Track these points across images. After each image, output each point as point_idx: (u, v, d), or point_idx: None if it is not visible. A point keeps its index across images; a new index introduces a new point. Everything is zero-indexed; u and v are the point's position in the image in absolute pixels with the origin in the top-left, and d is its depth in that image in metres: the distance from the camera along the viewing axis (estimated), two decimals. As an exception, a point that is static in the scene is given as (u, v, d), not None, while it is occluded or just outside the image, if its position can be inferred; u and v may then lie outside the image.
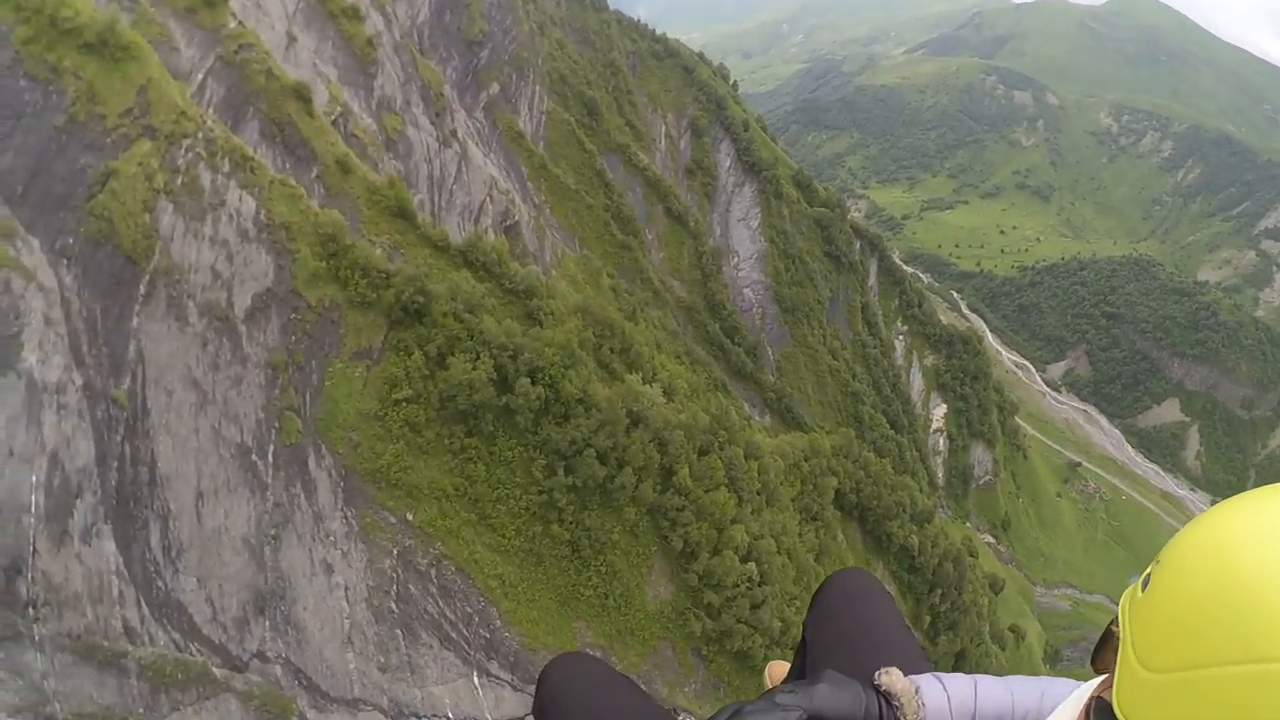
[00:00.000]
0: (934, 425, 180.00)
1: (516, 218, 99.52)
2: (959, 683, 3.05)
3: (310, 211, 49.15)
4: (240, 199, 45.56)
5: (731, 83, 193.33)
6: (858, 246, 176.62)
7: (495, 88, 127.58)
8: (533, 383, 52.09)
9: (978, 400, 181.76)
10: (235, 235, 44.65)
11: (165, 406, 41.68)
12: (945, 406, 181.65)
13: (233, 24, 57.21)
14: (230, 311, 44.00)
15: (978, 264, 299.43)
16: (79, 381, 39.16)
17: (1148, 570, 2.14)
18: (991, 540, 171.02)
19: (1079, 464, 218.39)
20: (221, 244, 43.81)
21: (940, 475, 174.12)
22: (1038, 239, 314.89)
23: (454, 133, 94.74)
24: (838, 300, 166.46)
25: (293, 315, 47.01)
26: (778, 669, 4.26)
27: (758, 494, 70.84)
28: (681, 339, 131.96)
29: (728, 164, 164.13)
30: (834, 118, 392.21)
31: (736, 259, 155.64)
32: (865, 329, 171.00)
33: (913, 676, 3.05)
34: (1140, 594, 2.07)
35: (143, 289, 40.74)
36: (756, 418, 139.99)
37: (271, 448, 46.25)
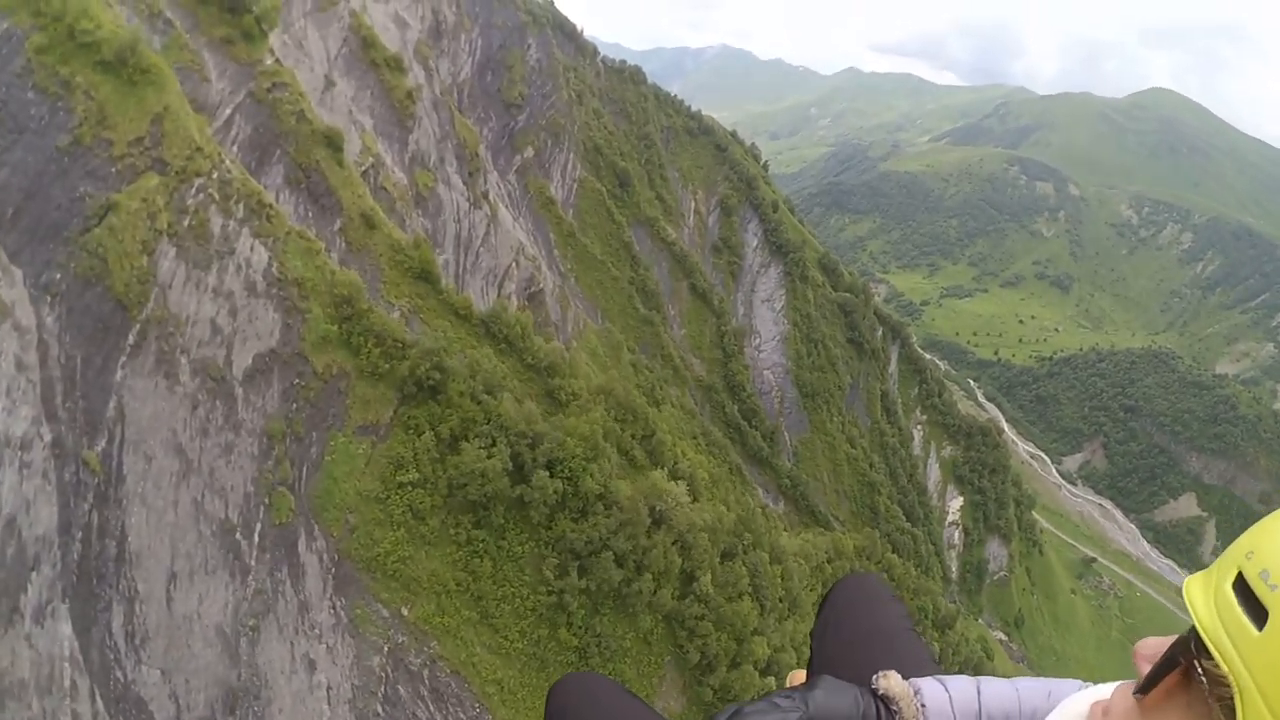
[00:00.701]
0: (950, 518, 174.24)
1: (541, 285, 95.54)
2: (961, 683, 2.94)
3: (327, 269, 44.86)
4: (252, 249, 41.31)
5: (762, 163, 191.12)
6: (880, 333, 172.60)
7: (530, 152, 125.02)
8: (551, 475, 47.08)
9: (995, 494, 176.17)
10: (242, 288, 40.29)
11: (143, 474, 36.78)
12: (962, 499, 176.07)
13: (269, 60, 53.78)
14: (227, 371, 39.39)
15: (995, 353, 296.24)
16: (48, 438, 34.41)
17: (1226, 588, 1.86)
18: (1004, 638, 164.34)
19: (1094, 559, 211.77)
20: (225, 296, 39.42)
21: (954, 569, 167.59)
22: (1056, 329, 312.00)
23: (485, 194, 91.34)
24: (858, 387, 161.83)
25: (296, 380, 42.38)
26: (798, 676, 3.76)
27: (780, 601, 65.32)
28: (699, 419, 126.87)
29: (755, 244, 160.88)
30: (858, 202, 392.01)
31: (758, 339, 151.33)
32: (884, 417, 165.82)
33: (914, 679, 2.94)
34: (1256, 631, 1.76)
35: (131, 339, 36.17)
36: (771, 505, 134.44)
37: (259, 526, 41.16)
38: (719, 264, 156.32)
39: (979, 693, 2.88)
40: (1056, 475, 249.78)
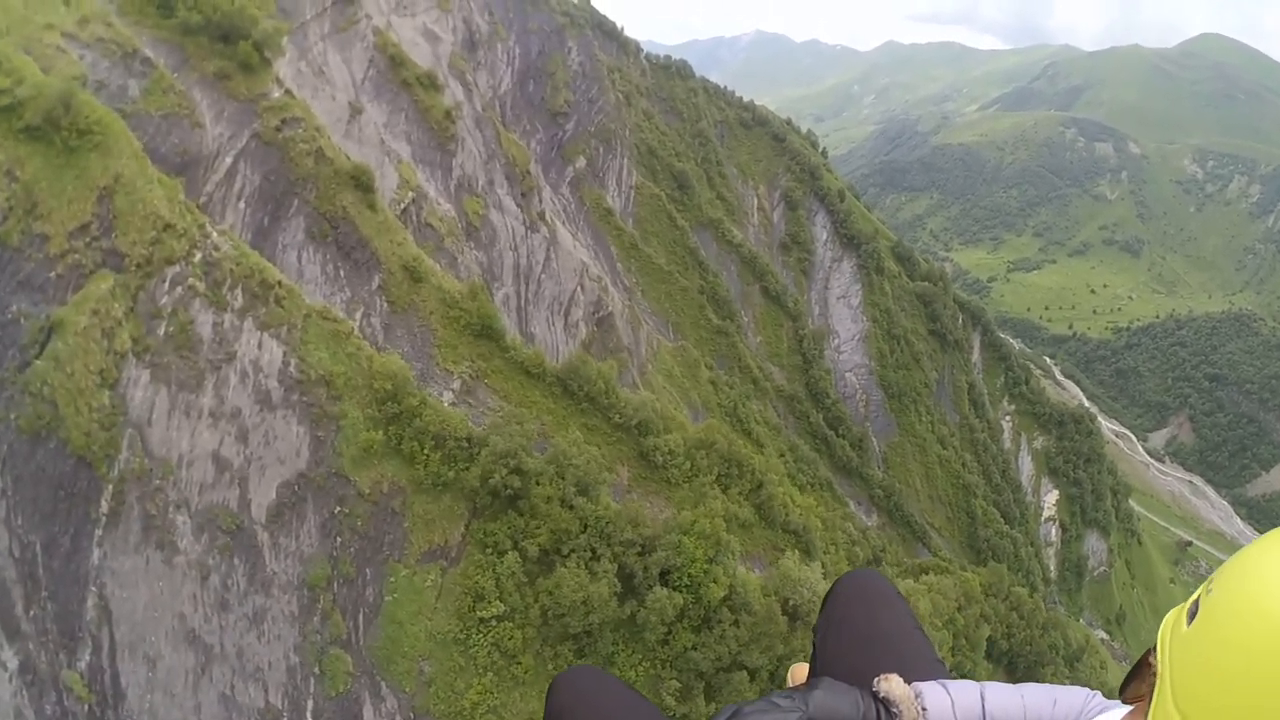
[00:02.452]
0: (1045, 514, 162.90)
1: (610, 308, 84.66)
2: (965, 689, 2.89)
3: (362, 355, 34.53)
4: (259, 346, 31.16)
5: (820, 149, 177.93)
6: (959, 321, 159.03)
7: (581, 161, 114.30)
8: (668, 587, 36.03)
9: (1092, 485, 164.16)
10: (251, 401, 30.14)
11: (148, 683, 26.70)
12: (1057, 493, 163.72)
13: (276, 93, 43.56)
14: (244, 516, 29.24)
15: (1070, 327, 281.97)
16: (13, 663, 24.36)
17: (1195, 595, 1.97)
18: (1105, 637, 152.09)
19: (1189, 543, 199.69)
20: (230, 418, 29.30)
21: (1052, 568, 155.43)
22: (1130, 297, 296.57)
23: (542, 214, 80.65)
24: (944, 382, 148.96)
25: (337, 509, 32.14)
26: (800, 671, 3.85)
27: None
28: (784, 434, 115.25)
29: (824, 237, 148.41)
30: (913, 179, 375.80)
31: (837, 340, 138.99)
32: (972, 411, 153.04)
33: (916, 683, 2.89)
34: (1185, 627, 1.90)
35: (105, 506, 26.13)
36: (863, 518, 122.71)
37: (310, 704, 30.79)
38: (789, 262, 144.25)
39: (983, 698, 2.78)
40: (1143, 453, 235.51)
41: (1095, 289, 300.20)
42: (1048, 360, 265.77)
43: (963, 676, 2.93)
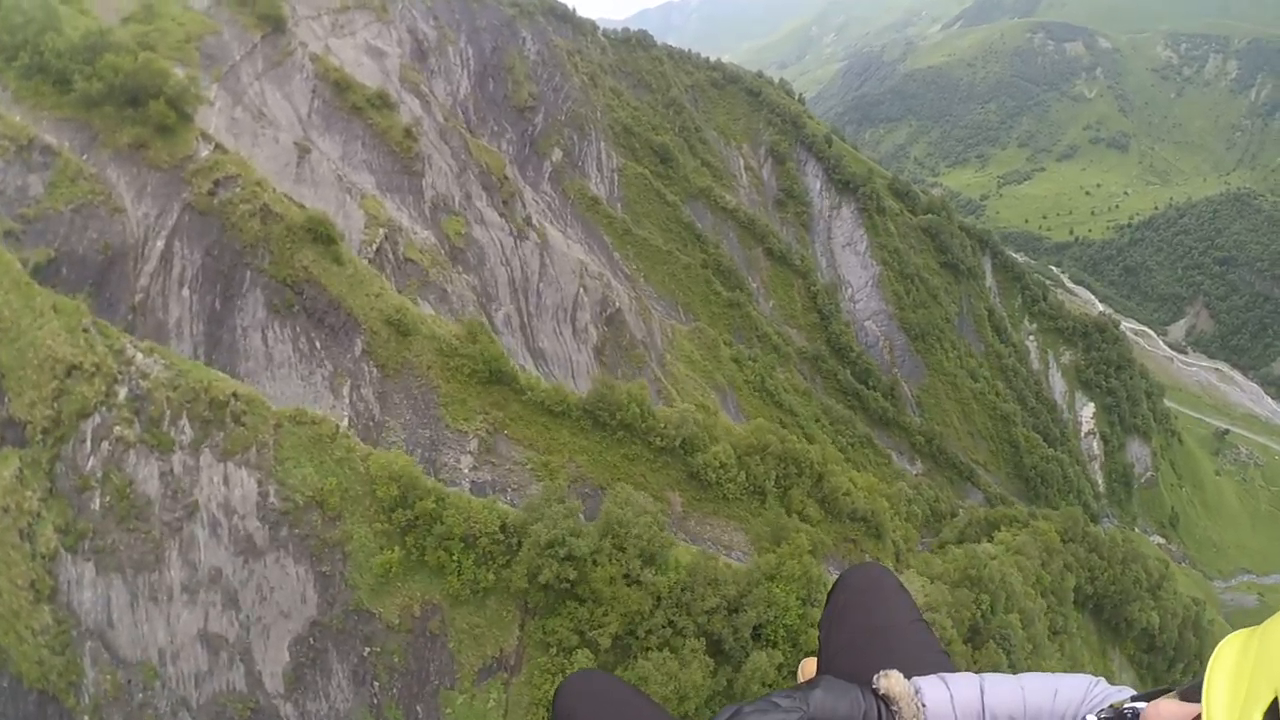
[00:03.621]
0: (1084, 428, 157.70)
1: (617, 304, 78.22)
2: (963, 682, 2.86)
3: (355, 457, 28.46)
4: (226, 483, 25.10)
5: (798, 97, 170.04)
6: (969, 249, 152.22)
7: (558, 154, 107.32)
8: (764, 644, 29.88)
9: (1126, 392, 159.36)
10: (231, 555, 24.29)
11: None
12: (1093, 405, 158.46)
13: (205, 152, 37.09)
14: (259, 694, 23.78)
15: (1071, 232, 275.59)
16: None
17: (1254, 712, 1.64)
18: (1162, 541, 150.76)
19: (1226, 431, 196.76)
20: (209, 584, 23.65)
21: (1100, 482, 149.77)
22: (1125, 193, 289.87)
23: (528, 220, 74.08)
24: (963, 313, 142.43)
25: (366, 651, 26.23)
26: (810, 665, 3.80)
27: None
28: (814, 398, 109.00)
29: (818, 186, 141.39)
30: (887, 110, 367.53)
31: (850, 290, 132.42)
32: (996, 337, 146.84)
33: (916, 678, 2.89)
34: None
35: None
36: (907, 467, 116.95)
37: None
38: (786, 218, 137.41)
39: (982, 691, 2.75)
40: (1165, 348, 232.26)
41: (1089, 190, 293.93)
42: (1054, 269, 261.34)
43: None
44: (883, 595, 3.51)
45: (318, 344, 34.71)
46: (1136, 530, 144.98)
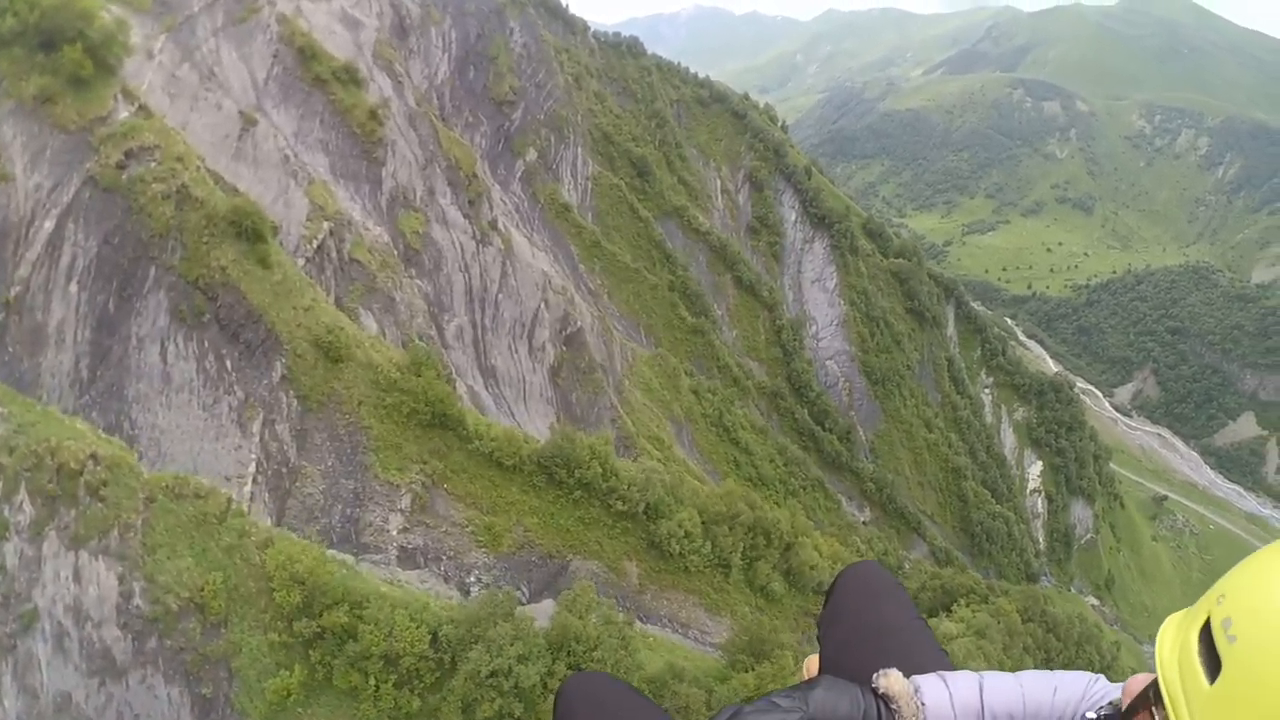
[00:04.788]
0: (1031, 485, 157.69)
1: (579, 323, 73.00)
2: (963, 680, 2.82)
3: (250, 541, 22.85)
4: (75, 579, 19.59)
5: (780, 124, 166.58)
6: (936, 297, 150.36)
7: (533, 154, 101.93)
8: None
9: (1075, 453, 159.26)
10: (83, 678, 19.03)
11: None
12: (1041, 463, 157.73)
13: (124, 113, 31.07)
14: None
15: (1029, 286, 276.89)
16: None
17: (1199, 617, 1.78)
18: (1096, 602, 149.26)
19: (1165, 497, 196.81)
20: (53, 716, 17.22)
21: (1041, 540, 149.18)
22: (1085, 254, 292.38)
23: (494, 223, 68.52)
24: (924, 361, 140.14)
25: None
26: (813, 663, 3.67)
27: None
28: (770, 436, 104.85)
29: (793, 218, 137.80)
30: (862, 146, 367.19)
31: (815, 327, 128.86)
32: (953, 388, 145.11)
33: (915, 676, 2.84)
34: (1205, 684, 1.67)
35: None
36: (855, 513, 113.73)
37: None
38: (758, 246, 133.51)
39: (981, 690, 2.71)
40: (1110, 409, 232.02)
41: (1051, 247, 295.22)
42: (1009, 321, 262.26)
43: None
44: (881, 594, 3.40)
45: (228, 364, 28.90)
46: (1073, 590, 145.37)
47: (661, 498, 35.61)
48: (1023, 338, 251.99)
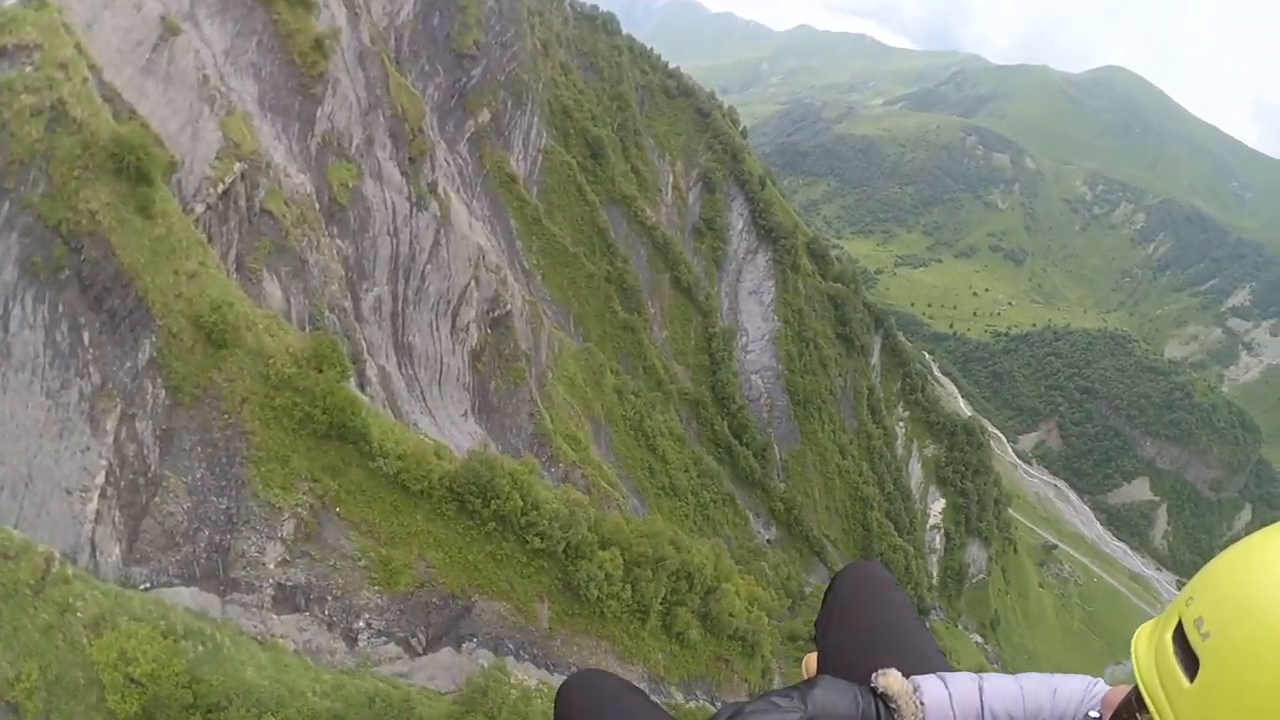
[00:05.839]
0: (931, 521, 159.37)
1: (508, 306, 68.08)
2: (962, 681, 2.79)
3: (77, 622, 17.58)
4: None
5: (741, 129, 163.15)
6: (866, 325, 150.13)
7: (485, 115, 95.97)
8: None
9: (978, 496, 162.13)
10: None
11: None
12: (944, 501, 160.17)
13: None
14: None
15: (951, 326, 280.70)
16: None
17: (1170, 621, 1.80)
18: (980, 640, 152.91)
19: (1054, 546, 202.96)
20: None
21: (935, 575, 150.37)
22: (1009, 303, 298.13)
23: (433, 186, 62.97)
24: (846, 388, 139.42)
25: None
26: (813, 661, 3.62)
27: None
28: (688, 445, 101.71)
29: (740, 226, 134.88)
30: (812, 164, 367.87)
31: (745, 339, 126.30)
32: (869, 417, 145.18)
33: (915, 676, 2.81)
34: (1185, 683, 1.69)
35: None
36: (761, 531, 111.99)
37: None
38: (700, 248, 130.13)
39: (981, 690, 2.70)
40: (1012, 454, 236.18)
41: (978, 292, 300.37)
42: (926, 356, 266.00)
43: None
44: (880, 593, 3.35)
45: (85, 338, 23.17)
46: (959, 627, 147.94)
47: (584, 539, 31.46)
48: (938, 373, 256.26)
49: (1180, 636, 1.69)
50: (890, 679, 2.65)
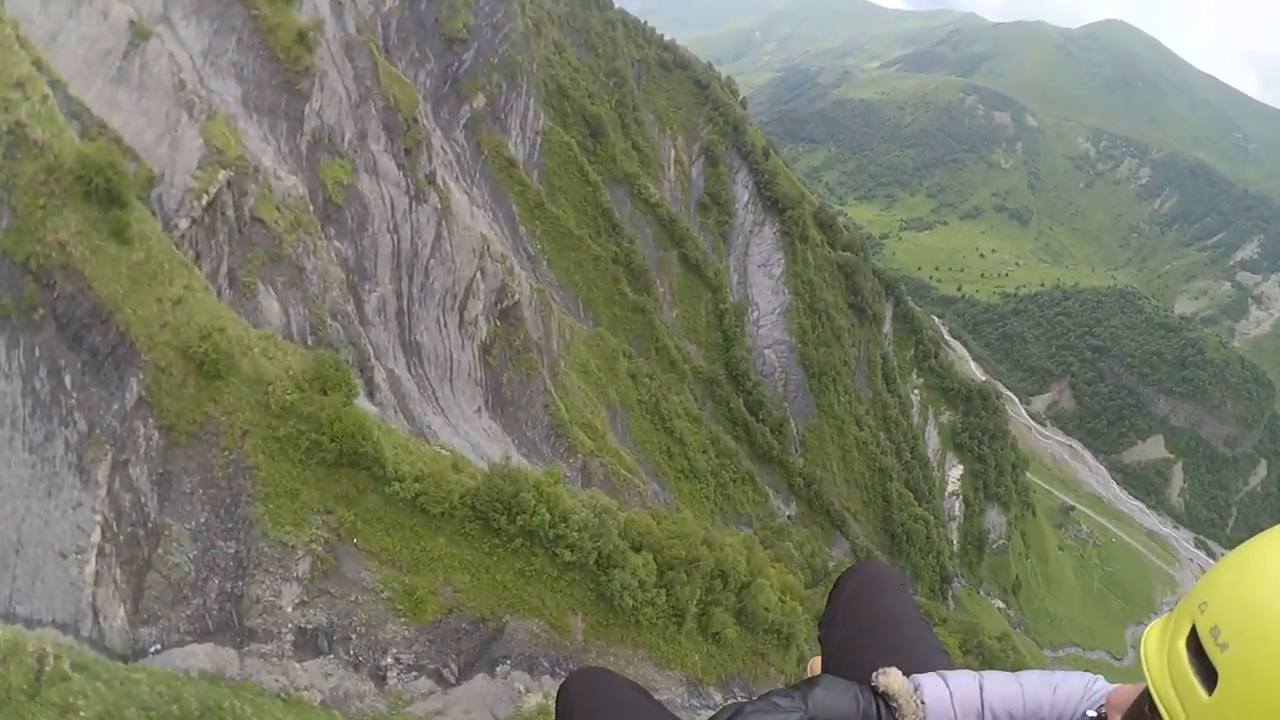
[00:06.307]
0: (949, 488, 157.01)
1: (516, 295, 65.87)
2: (963, 679, 2.77)
3: None
4: None
5: (740, 99, 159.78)
6: (877, 293, 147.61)
7: (480, 100, 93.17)
8: None
9: (995, 461, 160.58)
10: None
11: None
12: (962, 468, 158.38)
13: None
14: None
15: (959, 288, 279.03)
16: None
17: (1183, 624, 1.74)
18: (1003, 605, 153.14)
19: (1072, 507, 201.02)
20: None
21: (955, 542, 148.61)
22: (1016, 263, 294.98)
23: (432, 177, 60.56)
24: (860, 358, 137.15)
25: None
26: (817, 664, 3.58)
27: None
28: (704, 424, 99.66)
29: (745, 198, 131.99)
30: (811, 130, 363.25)
31: (756, 313, 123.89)
32: (884, 386, 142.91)
33: (915, 675, 2.78)
34: (1203, 695, 1.62)
35: None
36: (781, 507, 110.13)
37: None
38: (706, 224, 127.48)
39: (981, 689, 2.68)
40: (1026, 416, 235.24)
41: (984, 253, 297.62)
42: (935, 319, 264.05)
43: None
44: (884, 592, 3.34)
45: (68, 381, 20.86)
46: (981, 593, 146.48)
47: (615, 548, 29.53)
48: (948, 337, 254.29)
49: (1195, 644, 1.63)
50: (890, 678, 2.61)
